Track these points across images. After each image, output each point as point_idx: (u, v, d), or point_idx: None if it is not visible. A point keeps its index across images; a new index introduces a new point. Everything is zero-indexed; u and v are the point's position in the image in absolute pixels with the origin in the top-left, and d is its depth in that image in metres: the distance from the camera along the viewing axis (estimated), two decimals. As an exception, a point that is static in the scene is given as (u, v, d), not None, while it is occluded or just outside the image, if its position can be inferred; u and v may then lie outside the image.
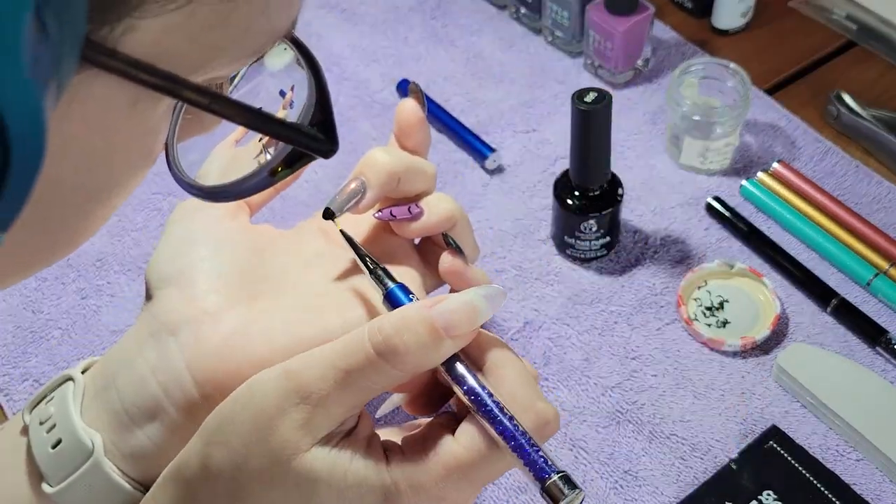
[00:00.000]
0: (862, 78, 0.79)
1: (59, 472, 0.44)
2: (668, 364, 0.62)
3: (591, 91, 0.59)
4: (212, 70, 0.28)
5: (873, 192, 0.71)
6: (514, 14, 0.86)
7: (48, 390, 0.46)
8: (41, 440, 0.44)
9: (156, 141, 0.30)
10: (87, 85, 0.25)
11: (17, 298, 0.69)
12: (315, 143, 0.33)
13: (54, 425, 0.44)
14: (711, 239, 0.69)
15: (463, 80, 0.82)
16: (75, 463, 0.43)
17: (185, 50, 0.26)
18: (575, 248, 0.67)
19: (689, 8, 0.86)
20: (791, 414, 0.60)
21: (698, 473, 0.57)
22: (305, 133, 0.33)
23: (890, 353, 0.61)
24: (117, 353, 0.46)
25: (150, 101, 0.27)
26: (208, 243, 0.47)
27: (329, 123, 0.34)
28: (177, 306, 0.44)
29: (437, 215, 0.47)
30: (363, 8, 0.89)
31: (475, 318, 0.37)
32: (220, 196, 0.37)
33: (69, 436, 0.44)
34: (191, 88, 0.27)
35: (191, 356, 0.43)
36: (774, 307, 0.63)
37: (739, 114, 0.70)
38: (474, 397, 0.36)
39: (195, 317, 0.44)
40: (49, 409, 0.45)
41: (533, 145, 0.76)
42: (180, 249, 0.47)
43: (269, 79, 0.39)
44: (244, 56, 0.29)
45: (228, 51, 0.28)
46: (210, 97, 0.28)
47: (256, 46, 0.29)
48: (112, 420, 0.44)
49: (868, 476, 0.57)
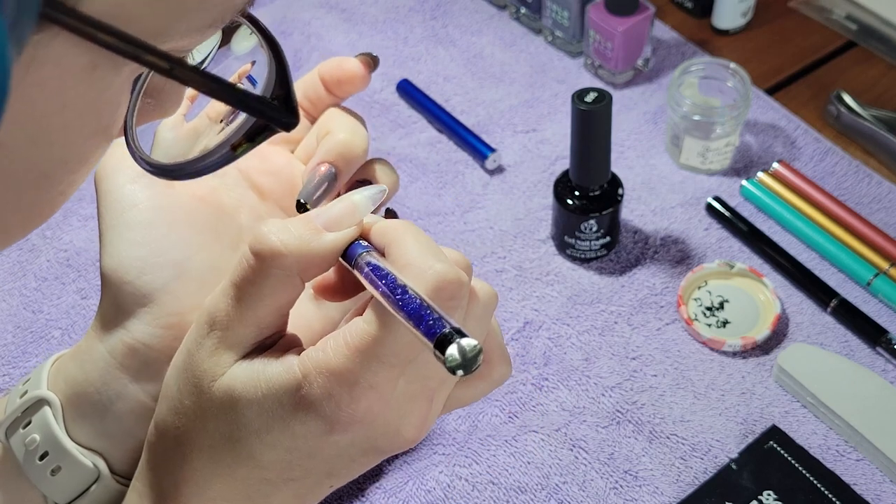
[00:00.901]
0: (862, 78, 0.79)
1: (64, 494, 0.44)
2: (669, 364, 0.62)
3: (591, 91, 0.59)
4: (171, 39, 0.27)
5: (873, 192, 0.71)
6: (514, 14, 0.86)
7: (20, 413, 0.45)
8: (37, 468, 0.44)
9: (114, 114, 0.29)
10: (45, 46, 0.24)
11: (17, 298, 0.69)
12: (276, 112, 0.33)
13: (46, 453, 0.44)
14: (711, 239, 0.69)
15: (463, 80, 0.82)
16: (81, 484, 0.44)
17: (144, 14, 0.26)
18: (575, 248, 0.67)
19: (689, 8, 0.86)
20: (791, 414, 0.60)
21: (698, 473, 0.57)
22: (267, 104, 0.33)
23: (890, 353, 0.61)
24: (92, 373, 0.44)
25: (110, 66, 0.27)
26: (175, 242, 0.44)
27: (289, 97, 0.34)
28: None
29: None
30: (363, 8, 0.89)
31: (353, 211, 0.37)
32: (180, 173, 0.37)
33: (68, 462, 0.44)
34: (152, 52, 0.26)
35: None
36: (774, 307, 0.63)
37: (739, 114, 0.70)
38: (369, 272, 0.35)
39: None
40: (35, 437, 0.44)
41: (533, 145, 0.76)
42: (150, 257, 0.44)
43: (235, 62, 0.39)
44: (203, 26, 0.28)
45: (186, 17, 0.27)
46: (172, 62, 0.27)
47: (214, 16, 0.28)
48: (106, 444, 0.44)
49: (868, 476, 0.57)
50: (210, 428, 0.37)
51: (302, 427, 0.35)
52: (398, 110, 0.80)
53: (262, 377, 0.36)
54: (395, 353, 0.35)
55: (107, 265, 0.44)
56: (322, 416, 0.35)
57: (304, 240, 0.36)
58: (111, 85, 0.28)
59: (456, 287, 0.35)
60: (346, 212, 0.37)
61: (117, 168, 0.45)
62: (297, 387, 0.35)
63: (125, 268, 0.43)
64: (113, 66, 0.27)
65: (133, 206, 0.44)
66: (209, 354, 0.37)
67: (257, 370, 0.36)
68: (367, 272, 0.36)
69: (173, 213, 0.45)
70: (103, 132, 0.29)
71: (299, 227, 0.36)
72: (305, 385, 0.35)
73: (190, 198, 0.46)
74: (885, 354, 0.61)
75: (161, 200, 0.45)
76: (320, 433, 0.36)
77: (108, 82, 0.27)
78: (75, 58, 0.25)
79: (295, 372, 0.35)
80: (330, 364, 0.35)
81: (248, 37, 0.37)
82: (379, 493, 0.57)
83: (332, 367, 0.35)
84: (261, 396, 0.36)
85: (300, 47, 0.85)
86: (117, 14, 0.25)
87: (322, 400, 0.35)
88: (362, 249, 0.37)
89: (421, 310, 0.32)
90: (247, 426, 0.36)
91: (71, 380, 0.45)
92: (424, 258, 0.35)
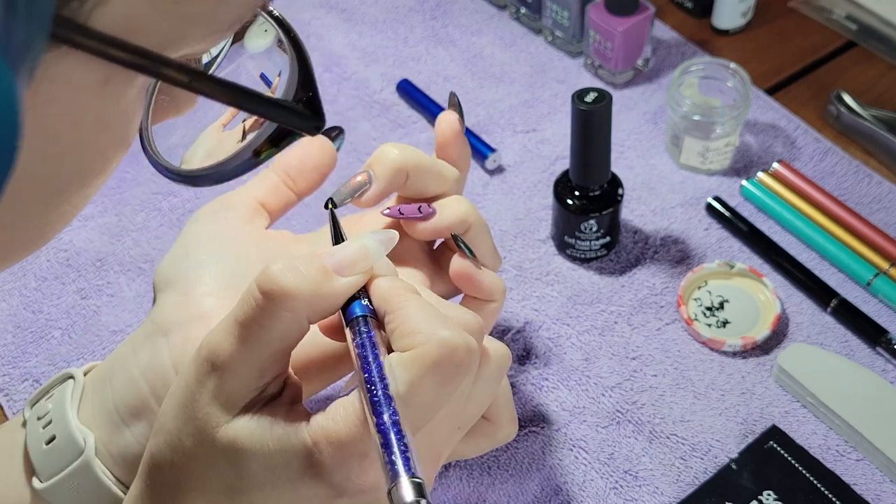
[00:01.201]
0: (862, 78, 0.79)
1: (50, 469, 0.44)
2: (668, 364, 0.62)
3: (591, 91, 0.59)
4: (186, 45, 0.26)
5: (873, 192, 0.71)
6: (514, 14, 0.86)
7: (50, 386, 0.47)
8: (37, 436, 0.44)
9: (129, 124, 0.28)
10: (56, 65, 0.23)
11: (17, 298, 0.69)
12: (300, 118, 0.32)
13: (50, 422, 0.44)
14: (711, 239, 0.69)
15: (463, 80, 0.82)
16: (66, 460, 0.44)
17: (157, 23, 0.25)
18: (575, 248, 0.67)
19: (689, 8, 0.86)
20: (791, 414, 0.59)
21: (698, 473, 0.57)
22: (290, 108, 0.32)
23: (890, 353, 0.61)
24: (116, 354, 0.46)
25: (123, 79, 0.26)
26: (213, 248, 0.46)
27: (314, 99, 0.33)
28: (172, 309, 0.44)
29: (448, 217, 0.46)
30: (363, 8, 0.89)
31: (366, 256, 0.36)
32: (200, 180, 0.36)
33: (63, 433, 0.44)
34: (167, 65, 0.26)
35: (178, 356, 0.43)
36: (774, 307, 0.63)
37: (739, 114, 0.70)
38: (359, 353, 0.35)
39: (187, 319, 0.44)
40: (47, 406, 0.45)
41: (533, 145, 0.76)
42: (185, 253, 0.46)
43: (250, 61, 0.38)
44: (220, 29, 0.27)
45: (202, 22, 0.26)
46: (189, 74, 0.26)
47: (232, 18, 0.27)
48: (105, 419, 0.44)
49: (868, 476, 0.57)
50: (211, 474, 0.36)
51: (309, 491, 0.35)
52: (398, 110, 0.80)
53: (270, 436, 0.35)
54: (406, 425, 0.34)
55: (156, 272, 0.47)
56: (331, 485, 0.35)
57: (315, 282, 0.35)
58: (125, 97, 0.27)
59: (464, 354, 0.34)
60: (360, 256, 0.36)
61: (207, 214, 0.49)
62: (308, 453, 0.34)
63: (161, 265, 0.46)
64: (126, 79, 0.26)
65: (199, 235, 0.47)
66: (211, 398, 0.36)
67: (265, 428, 0.35)
68: (359, 343, 0.35)
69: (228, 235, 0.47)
70: (118, 143, 0.28)
71: (310, 269, 0.35)
72: (316, 453, 0.34)
73: (260, 236, 0.48)
74: (885, 354, 0.61)
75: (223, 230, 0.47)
76: (326, 497, 0.35)
77: (122, 94, 0.26)
78: (87, 74, 0.25)
79: (305, 438, 0.35)
80: (340, 435, 0.34)
81: (263, 34, 0.36)
82: (379, 493, 0.57)
83: (341, 438, 0.34)
84: (268, 454, 0.35)
85: (300, 47, 0.85)
86: (130, 27, 0.24)
87: (332, 470, 0.34)
88: (361, 311, 0.36)
89: (393, 428, 0.32)
90: (251, 479, 0.35)
91: (100, 364, 0.46)
92: (430, 325, 0.34)
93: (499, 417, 0.43)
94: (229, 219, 0.48)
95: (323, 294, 0.35)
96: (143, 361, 0.44)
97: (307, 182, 0.50)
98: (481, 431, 0.43)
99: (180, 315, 0.44)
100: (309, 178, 0.50)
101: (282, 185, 0.50)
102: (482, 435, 0.43)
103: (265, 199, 0.50)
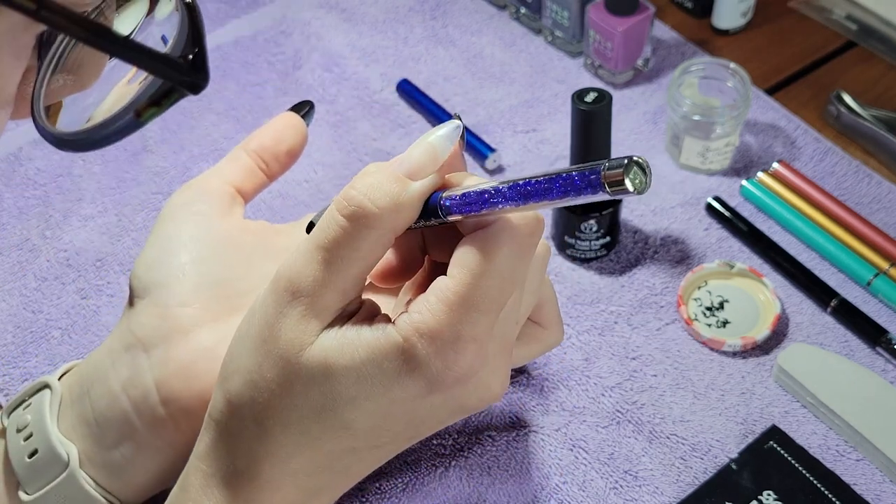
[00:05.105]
0: (862, 78, 0.79)
1: (36, 482, 0.44)
2: (668, 364, 0.62)
3: (591, 91, 0.59)
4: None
5: (873, 192, 0.71)
6: (514, 14, 0.86)
7: (26, 395, 0.46)
8: (18, 448, 0.44)
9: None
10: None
11: (17, 298, 0.69)
12: (182, 74, 0.30)
13: (31, 434, 0.44)
14: (711, 239, 0.69)
15: (463, 80, 0.82)
16: (51, 474, 0.43)
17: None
18: (575, 248, 0.67)
19: (689, 8, 0.86)
20: (791, 414, 0.60)
21: (698, 473, 0.57)
22: (171, 62, 0.30)
23: (890, 353, 0.61)
24: (94, 362, 0.46)
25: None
26: (192, 249, 0.46)
27: (199, 55, 0.31)
28: (151, 321, 0.44)
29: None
30: (363, 8, 0.89)
31: (434, 154, 0.36)
32: (80, 144, 0.33)
33: (45, 446, 0.43)
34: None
35: (159, 375, 0.43)
36: (774, 307, 0.63)
37: (739, 114, 0.70)
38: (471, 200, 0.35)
39: (167, 334, 0.43)
40: (26, 417, 0.44)
41: (533, 145, 0.76)
42: (162, 255, 0.46)
43: (156, 28, 0.36)
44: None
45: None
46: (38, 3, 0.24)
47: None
48: (86, 431, 0.44)
49: (868, 476, 0.57)
50: (298, 402, 0.36)
51: (402, 392, 0.35)
52: (398, 110, 0.80)
53: (358, 344, 0.35)
54: (491, 297, 0.35)
55: (133, 270, 0.46)
56: (426, 378, 0.35)
57: (394, 195, 0.35)
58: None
59: (534, 224, 0.36)
60: (428, 157, 0.36)
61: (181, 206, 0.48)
62: (400, 351, 0.34)
63: (138, 265, 0.46)
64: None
65: (177, 235, 0.46)
66: (295, 323, 0.35)
67: (352, 338, 0.35)
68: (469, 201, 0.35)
69: (207, 235, 0.47)
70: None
71: (387, 183, 0.35)
72: (409, 348, 0.34)
73: (238, 230, 0.47)
74: (885, 354, 0.61)
75: (201, 227, 0.47)
76: (419, 395, 0.35)
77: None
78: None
79: (395, 337, 0.35)
80: (429, 324, 0.34)
81: (168, 1, 0.34)
82: (378, 493, 0.57)
83: (432, 326, 0.34)
84: (359, 363, 0.35)
85: (300, 47, 0.85)
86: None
87: (428, 361, 0.34)
88: (437, 194, 0.37)
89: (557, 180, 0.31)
90: (342, 395, 0.35)
91: (76, 369, 0.46)
92: None
93: (548, 320, 0.45)
94: (205, 214, 0.47)
95: (403, 204, 0.36)
96: (124, 376, 0.43)
97: (280, 166, 0.51)
98: (533, 335, 0.45)
99: (160, 329, 0.44)
100: (282, 161, 0.50)
101: (255, 169, 0.50)
102: (534, 339, 0.45)
103: (240, 183, 0.49)
